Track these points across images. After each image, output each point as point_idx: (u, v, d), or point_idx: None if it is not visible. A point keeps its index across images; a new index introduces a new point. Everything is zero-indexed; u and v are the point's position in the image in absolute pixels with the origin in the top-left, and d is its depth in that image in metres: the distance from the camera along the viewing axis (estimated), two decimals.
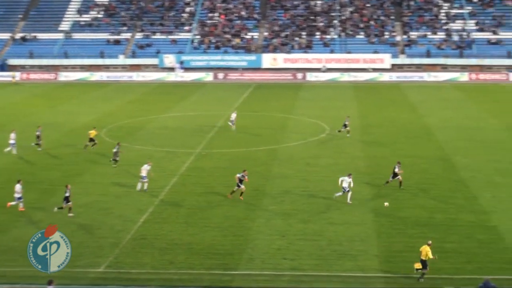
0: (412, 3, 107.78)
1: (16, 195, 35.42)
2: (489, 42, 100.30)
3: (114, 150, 45.53)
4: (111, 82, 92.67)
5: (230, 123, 57.83)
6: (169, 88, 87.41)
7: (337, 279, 27.77)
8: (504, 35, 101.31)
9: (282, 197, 38.34)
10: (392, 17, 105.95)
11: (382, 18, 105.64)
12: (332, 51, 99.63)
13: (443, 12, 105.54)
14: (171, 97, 78.32)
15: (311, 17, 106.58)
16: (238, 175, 37.79)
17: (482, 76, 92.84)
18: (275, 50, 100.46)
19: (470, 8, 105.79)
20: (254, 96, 79.18)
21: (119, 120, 61.85)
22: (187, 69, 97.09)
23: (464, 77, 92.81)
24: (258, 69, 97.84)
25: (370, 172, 43.83)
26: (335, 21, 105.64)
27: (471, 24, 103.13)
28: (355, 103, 73.19)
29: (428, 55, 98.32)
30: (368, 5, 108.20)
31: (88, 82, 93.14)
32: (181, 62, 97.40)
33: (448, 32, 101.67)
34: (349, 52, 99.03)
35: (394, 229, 33.16)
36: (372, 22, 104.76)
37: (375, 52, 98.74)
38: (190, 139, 54.28)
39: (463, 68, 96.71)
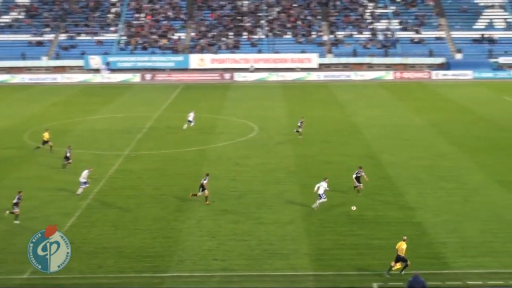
0: (338, 3, 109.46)
1: None
2: (412, 41, 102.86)
3: (67, 154, 44.72)
4: (35, 84, 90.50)
5: (188, 123, 57.67)
6: (95, 89, 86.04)
7: (268, 278, 27.92)
8: (426, 34, 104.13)
9: (212, 198, 38.27)
10: (319, 17, 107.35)
11: (309, 18, 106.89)
12: (259, 51, 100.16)
13: (368, 12, 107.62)
14: (97, 99, 77.11)
15: (238, 17, 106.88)
16: (203, 181, 37.22)
17: (406, 74, 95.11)
18: (202, 50, 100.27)
19: (394, 8, 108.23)
20: (182, 97, 78.82)
21: (44, 123, 60.42)
22: (114, 70, 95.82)
23: (389, 75, 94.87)
24: (185, 69, 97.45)
25: (299, 171, 44.27)
26: (262, 21, 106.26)
27: (395, 23, 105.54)
28: (283, 102, 73.78)
29: (354, 54, 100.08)
30: (295, 5, 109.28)
31: (9, 85, 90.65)
32: (108, 63, 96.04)
33: (373, 32, 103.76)
34: (276, 52, 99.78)
35: (324, 227, 33.57)
36: (299, 22, 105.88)
37: (303, 52, 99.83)
38: (118, 141, 53.59)
39: (388, 67, 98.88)
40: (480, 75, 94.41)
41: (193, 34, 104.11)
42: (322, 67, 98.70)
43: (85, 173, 38.98)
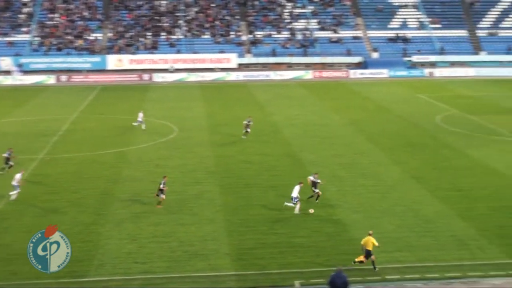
0: (256, 3, 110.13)
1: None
2: (330, 40, 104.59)
3: (5, 155, 43.23)
4: None
5: (137, 123, 57.75)
6: (7, 92, 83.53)
7: (190, 279, 27.82)
8: (343, 33, 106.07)
9: (132, 200, 37.83)
10: (237, 17, 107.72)
11: (227, 18, 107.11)
12: (178, 52, 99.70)
13: (286, 12, 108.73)
14: (9, 102, 74.90)
15: (156, 18, 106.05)
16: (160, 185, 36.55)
17: (325, 73, 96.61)
18: (120, 51, 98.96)
19: (312, 7, 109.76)
20: (100, 99, 77.50)
21: None
22: (27, 72, 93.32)
23: (308, 75, 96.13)
24: (103, 70, 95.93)
25: (219, 171, 44.30)
26: (181, 21, 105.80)
27: (313, 23, 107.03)
28: (202, 103, 73.66)
29: (273, 54, 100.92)
30: (213, 5, 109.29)
31: None
32: (20, 65, 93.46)
33: (292, 31, 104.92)
34: (195, 52, 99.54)
35: (245, 226, 33.69)
36: (217, 22, 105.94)
37: (222, 52, 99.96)
38: (33, 145, 52.21)
39: (307, 66, 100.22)
40: (395, 73, 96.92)
41: (110, 34, 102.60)
42: (241, 67, 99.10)
43: (17, 176, 37.98)
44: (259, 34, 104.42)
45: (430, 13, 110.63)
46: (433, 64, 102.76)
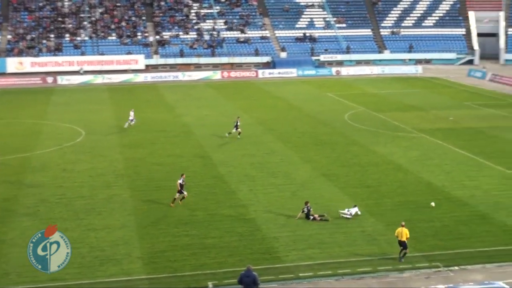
0: (162, 3, 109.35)
1: None
2: (237, 40, 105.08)
3: None
4: None
5: (129, 122, 58.08)
6: None
7: (101, 285, 27.28)
8: (251, 33, 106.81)
9: (37, 206, 36.78)
10: (144, 18, 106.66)
11: (133, 18, 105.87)
12: (83, 53, 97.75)
13: (193, 12, 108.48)
14: None
15: (59, 19, 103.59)
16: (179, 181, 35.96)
17: (234, 73, 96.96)
18: (20, 53, 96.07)
19: (218, 8, 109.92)
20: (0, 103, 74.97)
21: None
22: None
23: (217, 75, 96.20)
24: (2, 74, 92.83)
25: (129, 174, 43.71)
26: (85, 23, 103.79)
27: (220, 23, 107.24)
28: (110, 105, 72.48)
29: (181, 54, 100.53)
30: (118, 5, 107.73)
31: None
32: None
33: (199, 32, 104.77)
34: (102, 54, 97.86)
35: (157, 229, 33.37)
36: (123, 23, 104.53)
37: (129, 53, 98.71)
38: None
39: (215, 66, 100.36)
40: (303, 72, 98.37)
41: (9, 36, 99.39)
42: (149, 68, 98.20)
43: None
44: (166, 35, 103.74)
45: (336, 13, 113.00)
46: (340, 63, 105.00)
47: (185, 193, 37.01)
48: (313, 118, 64.06)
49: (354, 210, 35.35)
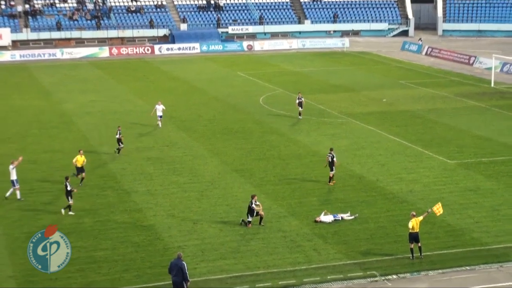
0: None
1: None
2: (128, 10, 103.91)
3: None
4: None
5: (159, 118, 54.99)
6: None
7: None
8: (144, 2, 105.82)
9: None
10: None
11: None
12: None
13: None
14: None
15: None
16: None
17: (125, 50, 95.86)
18: None
19: None
20: None
21: None
22: None
23: (104, 52, 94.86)
24: None
25: None
26: None
27: None
28: None
29: (58, 27, 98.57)
30: None
31: None
32: None
33: (81, 0, 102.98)
34: None
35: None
36: None
37: None
38: None
39: (101, 42, 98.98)
40: (208, 48, 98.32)
41: None
42: (17, 44, 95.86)
43: None
44: (38, 3, 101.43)
45: None
46: (252, 36, 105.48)
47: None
48: (221, 102, 64.09)
49: (344, 216, 35.70)
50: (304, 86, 71.15)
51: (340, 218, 35.33)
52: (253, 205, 34.37)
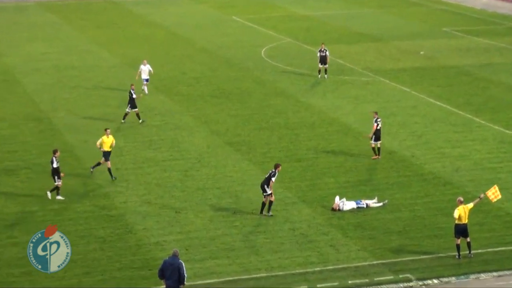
0: None
1: None
2: None
3: None
4: None
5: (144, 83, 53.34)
6: None
7: None
8: None
9: None
10: None
11: None
12: None
13: None
14: None
15: None
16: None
17: None
18: None
19: None
20: None
21: None
22: None
23: None
24: None
25: None
26: None
27: None
28: None
29: None
30: None
31: None
32: None
33: None
34: None
35: None
36: None
37: None
38: None
39: None
40: None
41: None
42: None
43: None
44: None
45: None
46: None
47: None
48: (211, 55, 63.95)
49: (370, 202, 35.74)
50: (318, 35, 70.96)
51: (364, 206, 35.29)
52: (272, 179, 34.31)
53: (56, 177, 36.13)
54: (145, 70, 53.14)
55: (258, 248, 31.73)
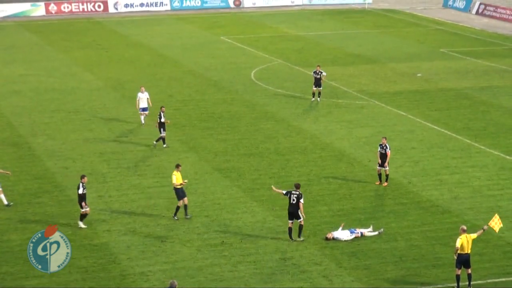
0: None
1: None
2: None
3: None
4: None
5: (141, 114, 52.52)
6: None
7: None
8: None
9: None
10: None
11: None
12: None
13: None
14: None
15: None
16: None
17: (67, 6, 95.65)
18: None
19: None
20: None
21: None
22: None
23: (39, 9, 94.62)
24: None
25: None
26: None
27: None
28: None
29: None
30: None
31: None
32: None
33: None
34: None
35: None
36: None
37: None
38: None
39: None
40: (182, 4, 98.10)
41: None
42: None
43: None
44: None
45: None
46: None
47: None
48: (199, 78, 64.08)
49: (365, 231, 35.79)
50: (311, 56, 71.22)
51: (359, 234, 35.38)
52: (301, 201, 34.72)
53: (83, 204, 36.08)
54: (143, 98, 51.86)
55: (248, 279, 31.79)
